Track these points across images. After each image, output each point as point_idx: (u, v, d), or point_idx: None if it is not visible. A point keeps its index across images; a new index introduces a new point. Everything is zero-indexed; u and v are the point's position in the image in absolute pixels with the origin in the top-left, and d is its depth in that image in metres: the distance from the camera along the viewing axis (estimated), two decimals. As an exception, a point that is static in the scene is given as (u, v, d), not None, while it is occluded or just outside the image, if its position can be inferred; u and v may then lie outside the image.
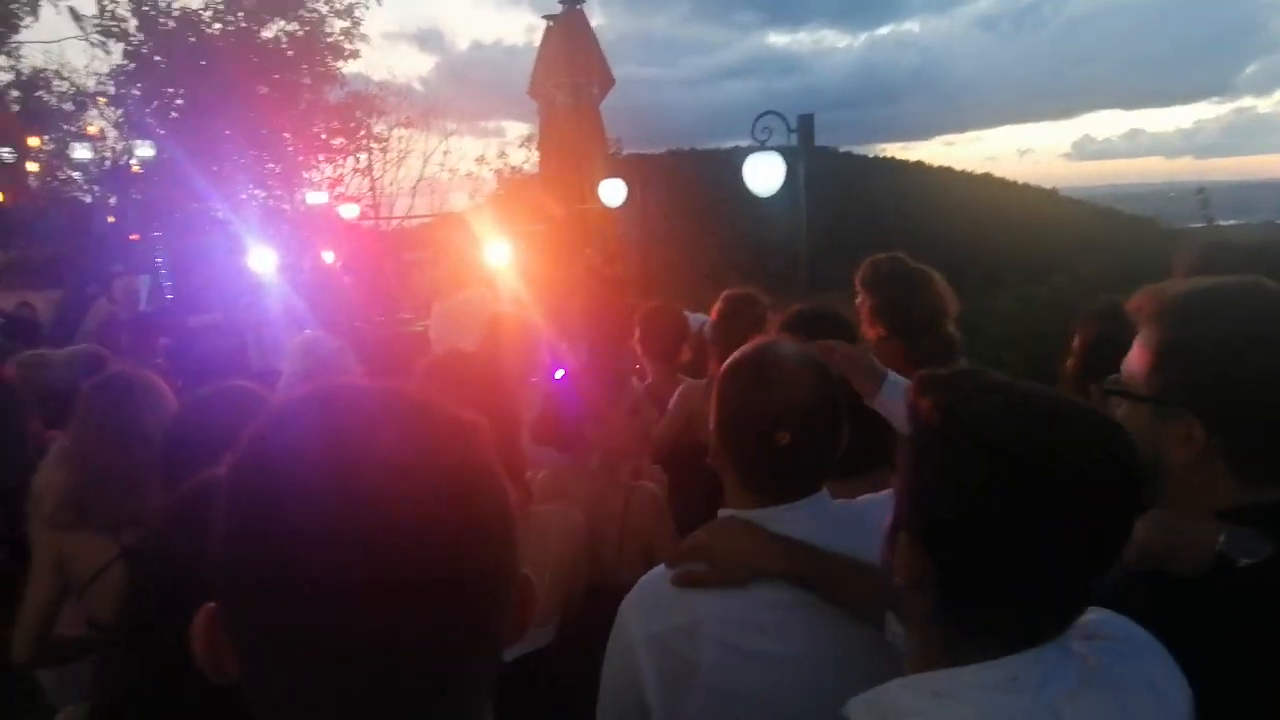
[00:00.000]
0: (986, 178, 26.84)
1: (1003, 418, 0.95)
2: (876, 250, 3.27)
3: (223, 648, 0.63)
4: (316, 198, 15.00)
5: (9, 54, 16.24)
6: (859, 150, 27.65)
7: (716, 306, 3.40)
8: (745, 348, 1.50)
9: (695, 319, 5.16)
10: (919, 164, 27.21)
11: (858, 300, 3.12)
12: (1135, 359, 1.28)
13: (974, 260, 18.02)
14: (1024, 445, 0.92)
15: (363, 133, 18.60)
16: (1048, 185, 26.48)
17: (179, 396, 2.46)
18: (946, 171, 26.72)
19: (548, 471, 2.46)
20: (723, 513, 1.49)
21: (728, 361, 1.51)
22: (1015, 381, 1.01)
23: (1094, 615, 1.05)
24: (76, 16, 4.19)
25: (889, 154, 27.96)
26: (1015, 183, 26.72)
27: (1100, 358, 2.30)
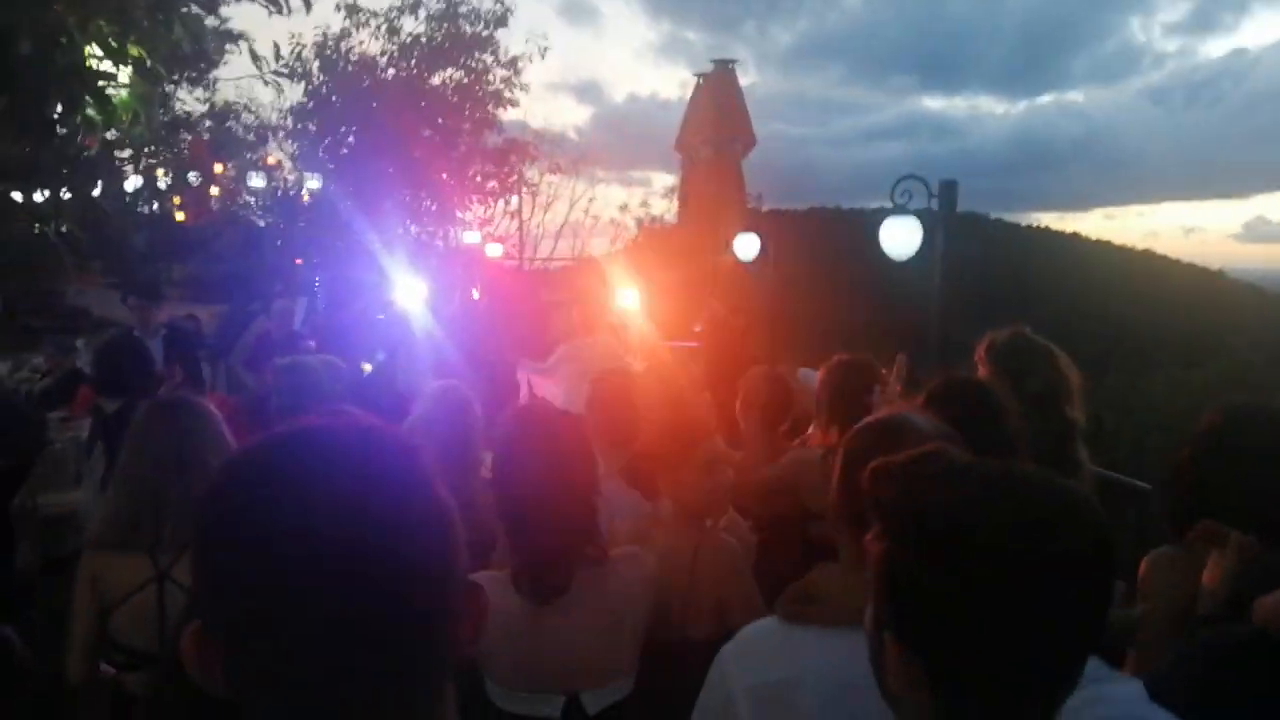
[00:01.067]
0: (1147, 254, 25.62)
1: (965, 512, 0.92)
2: (1023, 322, 3.18)
3: (210, 661, 0.71)
4: (471, 237, 15.60)
5: (206, 87, 17.71)
6: (1011, 218, 26.82)
7: (823, 371, 3.33)
8: (875, 416, 1.49)
9: (813, 376, 5.09)
10: (1075, 235, 26.23)
11: (978, 374, 3.05)
12: None
13: (1129, 339, 17.19)
14: (992, 538, 0.90)
15: (515, 177, 19.37)
16: (1214, 266, 25.00)
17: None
18: (1104, 245, 25.66)
19: (632, 518, 2.49)
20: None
21: (856, 428, 1.48)
22: (975, 464, 0.99)
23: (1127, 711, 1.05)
24: (256, 57, 4.63)
25: (1044, 224, 26.93)
26: (1178, 261, 25.40)
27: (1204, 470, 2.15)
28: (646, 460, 2.64)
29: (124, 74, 3.13)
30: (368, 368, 7.16)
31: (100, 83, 3.01)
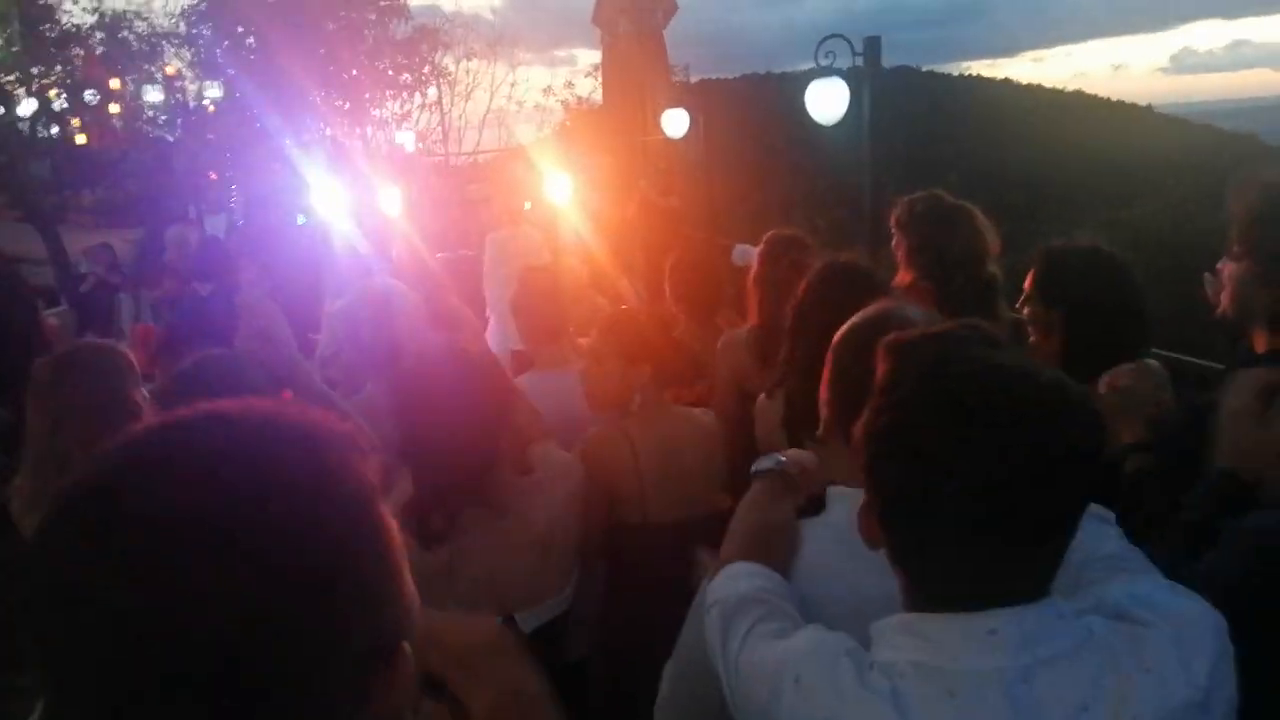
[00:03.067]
0: (1077, 94, 25.65)
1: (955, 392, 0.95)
2: (956, 174, 3.13)
3: None
4: (404, 138, 15.06)
5: (91, -5, 16.60)
6: (942, 69, 26.58)
7: (758, 249, 3.27)
8: (866, 310, 1.40)
9: (751, 252, 5.03)
10: (1006, 81, 26.10)
11: (893, 243, 3.01)
12: None
13: (1061, 182, 17.33)
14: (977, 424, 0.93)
15: (428, 67, 18.60)
16: (1143, 102, 25.17)
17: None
18: (1035, 89, 25.62)
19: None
20: (834, 490, 1.38)
21: (846, 326, 1.40)
22: (979, 352, 1.00)
23: (1149, 591, 1.06)
24: None
25: (975, 72, 26.77)
26: (1107, 99, 25.48)
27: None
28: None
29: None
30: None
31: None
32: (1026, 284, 2.33)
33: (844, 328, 1.40)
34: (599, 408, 2.51)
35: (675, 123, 8.95)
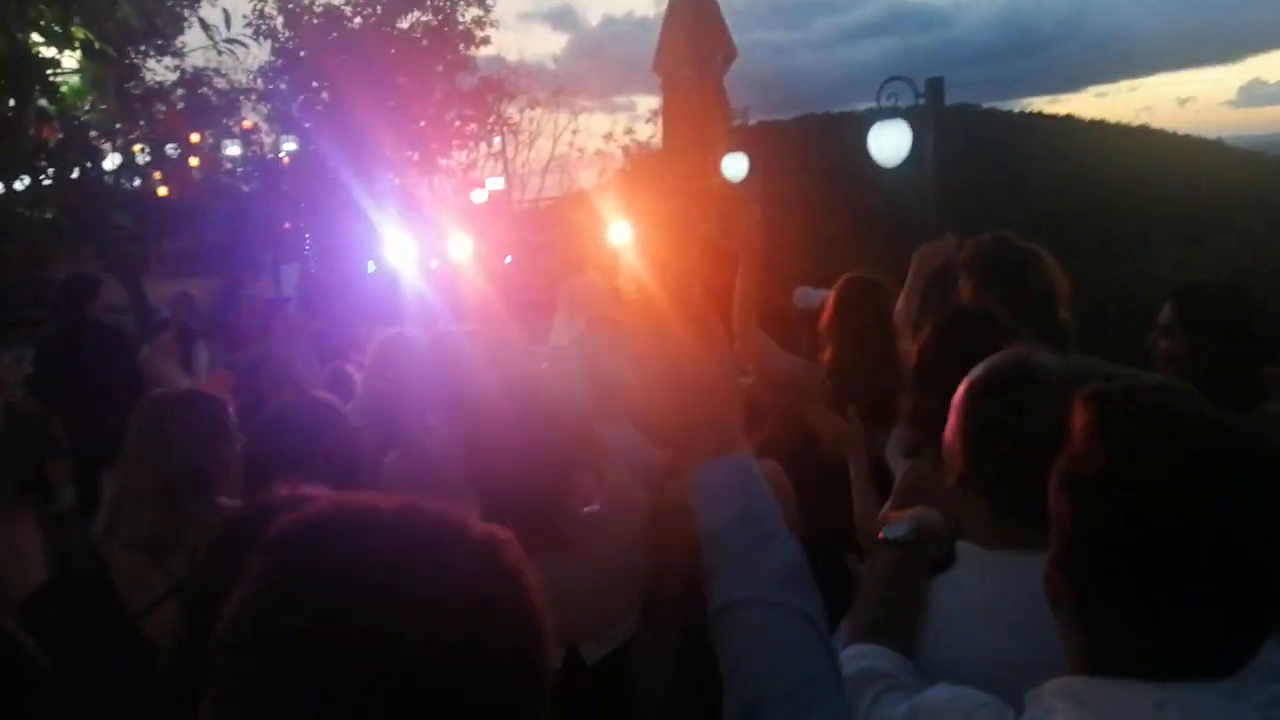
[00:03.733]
0: (1143, 129, 25.20)
1: (1168, 473, 0.90)
2: (1020, 214, 3.12)
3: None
4: (479, 196, 15.37)
5: (174, 54, 17.31)
6: (1003, 106, 26.32)
7: (833, 293, 3.27)
8: (997, 357, 1.38)
9: (813, 295, 5.03)
10: (1068, 117, 25.80)
11: (960, 284, 2.99)
12: None
13: (1129, 221, 16.96)
14: (1185, 505, 0.89)
15: (494, 118, 19.05)
16: (1211, 136, 24.60)
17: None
18: (1099, 124, 25.24)
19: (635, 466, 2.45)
20: (962, 546, 1.37)
21: (975, 376, 1.37)
22: (1184, 414, 0.96)
23: None
24: (206, 26, 4.48)
25: (1036, 108, 26.46)
26: (1174, 134, 24.99)
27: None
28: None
29: (72, 58, 3.03)
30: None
31: (47, 70, 2.91)
32: (1165, 317, 2.32)
33: (975, 376, 1.37)
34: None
35: (735, 166, 9.03)
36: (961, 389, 1.39)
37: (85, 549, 2.31)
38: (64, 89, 3.03)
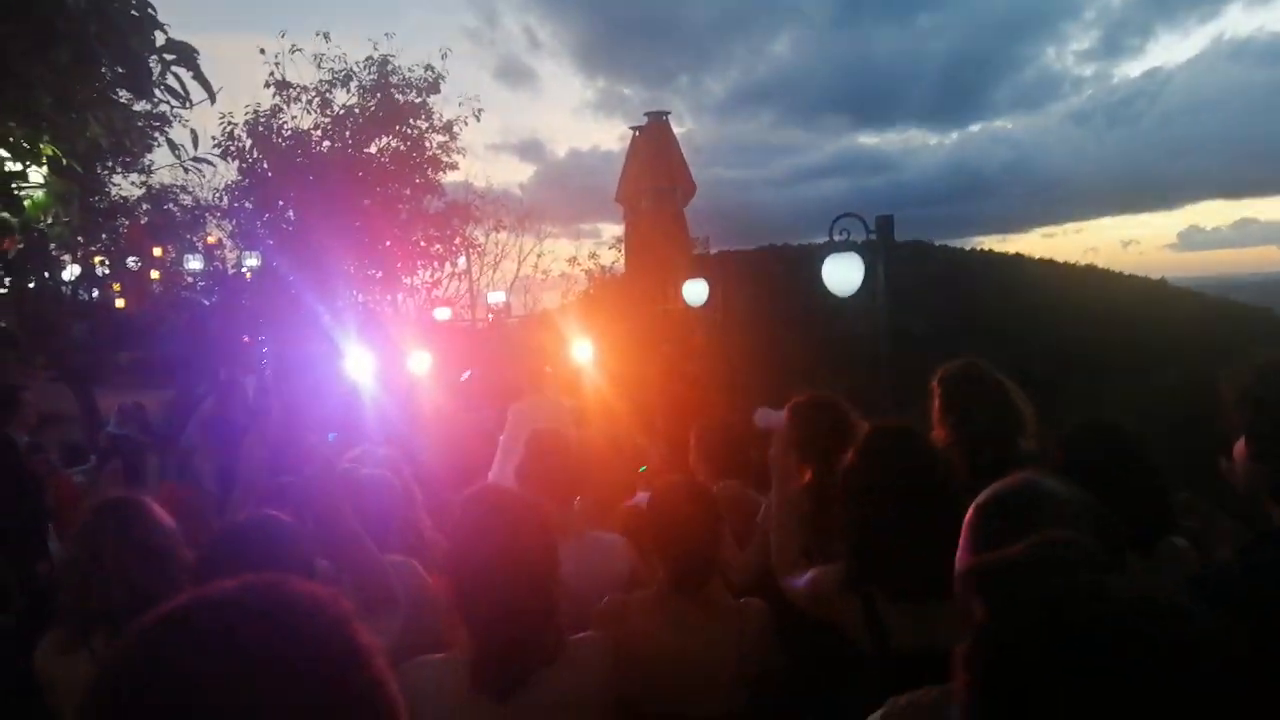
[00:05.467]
0: (1089, 269, 26.16)
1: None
2: (973, 344, 3.21)
3: None
4: (442, 314, 15.49)
5: (140, 171, 17.50)
6: (955, 243, 27.31)
7: (785, 416, 3.29)
8: (1007, 481, 1.40)
9: (772, 415, 5.06)
10: (1018, 256, 26.73)
11: (932, 404, 3.06)
12: None
13: (1079, 355, 17.44)
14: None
15: (459, 239, 19.35)
16: (1155, 276, 25.61)
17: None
18: (1047, 263, 26.15)
19: (644, 596, 2.40)
20: None
21: (984, 498, 1.39)
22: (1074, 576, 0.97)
23: None
24: (174, 146, 4.61)
25: (986, 246, 27.46)
26: (1121, 274, 25.95)
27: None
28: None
29: (38, 173, 3.07)
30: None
31: (11, 185, 2.94)
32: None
33: (984, 498, 1.39)
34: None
35: (695, 292, 9.23)
36: (971, 510, 1.41)
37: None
38: (27, 202, 3.05)
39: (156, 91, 3.24)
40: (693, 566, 2.32)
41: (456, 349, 11.13)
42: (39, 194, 3.12)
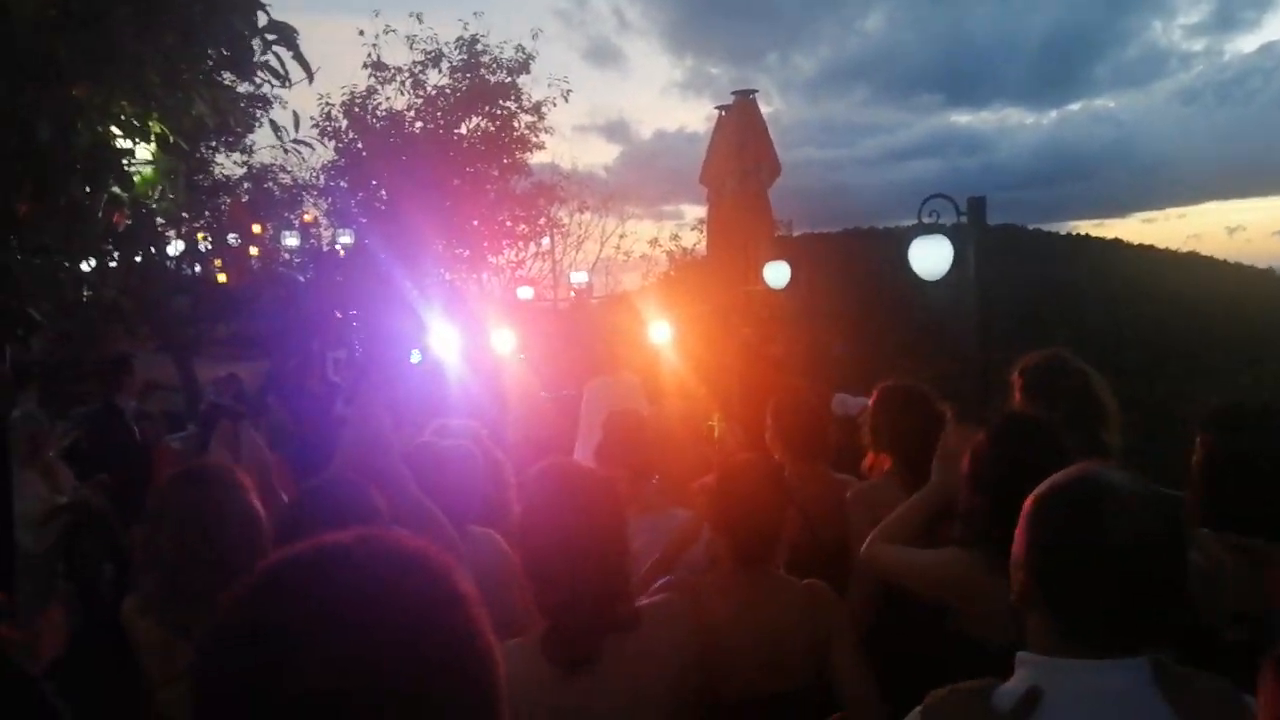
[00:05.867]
0: (1192, 256, 25.14)
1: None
2: (1067, 331, 3.11)
3: None
4: (525, 293, 15.68)
5: (243, 151, 18.14)
6: (1049, 228, 26.46)
7: (874, 398, 3.25)
8: (1068, 472, 1.39)
9: (850, 401, 5.01)
10: (1116, 241, 25.82)
11: (1011, 396, 2.99)
12: None
13: (1178, 345, 16.79)
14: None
15: (544, 220, 19.57)
16: (1261, 265, 24.45)
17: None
18: (1147, 249, 25.22)
19: (711, 574, 2.41)
20: (1021, 655, 1.37)
21: (1045, 487, 1.39)
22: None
23: None
24: (276, 127, 4.75)
25: (1082, 230, 26.56)
26: (1224, 261, 24.87)
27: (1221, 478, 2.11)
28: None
29: (146, 150, 3.21)
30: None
31: (122, 160, 3.09)
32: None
33: (1044, 489, 1.38)
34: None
35: (777, 274, 9.15)
36: (1029, 501, 1.39)
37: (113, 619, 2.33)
38: (137, 178, 3.21)
39: (258, 72, 3.35)
40: (755, 542, 2.30)
41: (539, 328, 11.27)
42: (147, 170, 3.27)
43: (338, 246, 17.30)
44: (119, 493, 5.49)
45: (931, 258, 6.44)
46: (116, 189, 3.14)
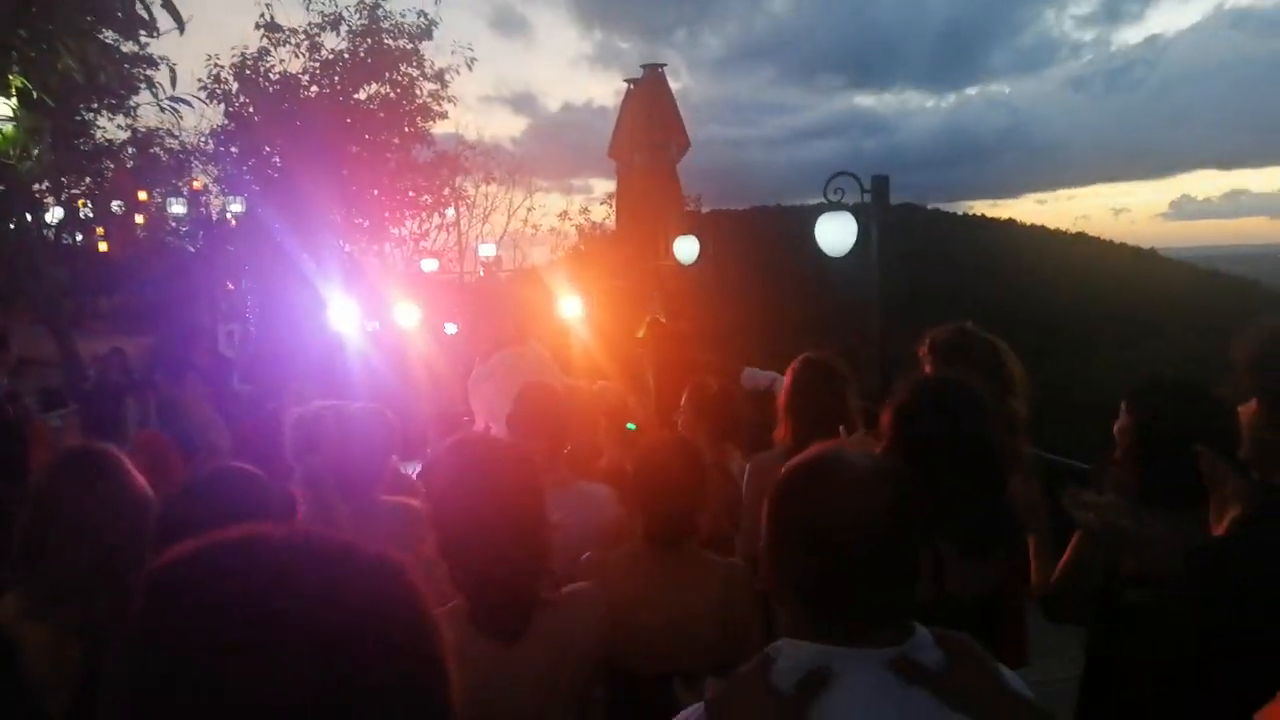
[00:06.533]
0: (1081, 236, 26.21)
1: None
2: (962, 309, 3.17)
3: None
4: (429, 265, 15.35)
5: (127, 114, 17.20)
6: (947, 208, 27.27)
7: (791, 371, 3.25)
8: (806, 454, 1.34)
9: (760, 375, 5.03)
10: (1010, 221, 26.72)
11: (921, 369, 3.01)
12: None
13: (1067, 322, 17.51)
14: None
15: (448, 190, 19.14)
16: (1146, 246, 25.73)
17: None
18: (1038, 230, 26.18)
19: (623, 551, 2.38)
20: (779, 644, 1.30)
21: (784, 470, 1.34)
22: None
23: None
24: (151, 84, 4.49)
25: (978, 211, 27.51)
26: (1111, 242, 26.00)
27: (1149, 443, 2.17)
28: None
29: (6, 107, 2.94)
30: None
31: (-24, 116, 2.83)
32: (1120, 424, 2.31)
33: (787, 469, 1.35)
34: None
35: (686, 249, 9.14)
36: (772, 487, 1.35)
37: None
38: (-1, 134, 2.94)
39: (120, 20, 3.11)
40: (669, 521, 2.29)
41: (443, 302, 11.04)
42: (8, 128, 3.01)
43: (228, 215, 16.61)
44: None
45: (836, 234, 6.51)
46: (-30, 147, 2.87)
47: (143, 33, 3.16)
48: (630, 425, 4.53)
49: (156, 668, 0.62)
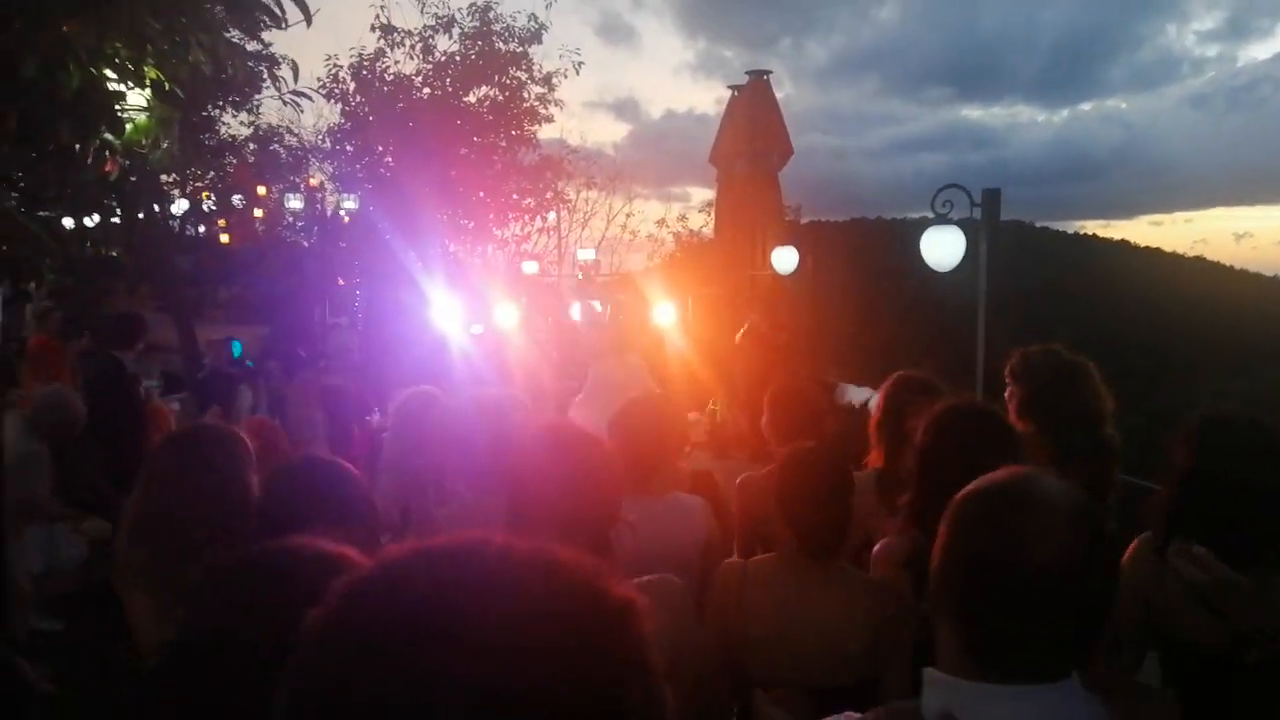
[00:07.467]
0: (1198, 260, 25.14)
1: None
2: (1071, 331, 3.06)
3: None
4: (530, 268, 15.60)
5: (250, 110, 17.94)
6: (1057, 226, 26.45)
7: (884, 390, 3.17)
8: (995, 475, 1.27)
9: (854, 391, 4.94)
10: (1123, 242, 25.82)
11: (1006, 392, 2.92)
12: None
13: (1181, 347, 16.76)
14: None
15: (550, 194, 19.38)
16: (1268, 273, 24.48)
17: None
18: (1153, 252, 25.21)
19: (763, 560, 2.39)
20: (930, 673, 1.24)
21: (968, 490, 1.27)
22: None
23: None
24: (274, 79, 4.68)
25: (1090, 231, 26.60)
26: (1231, 267, 24.87)
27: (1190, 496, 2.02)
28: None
29: (141, 96, 3.10)
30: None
31: (114, 105, 2.98)
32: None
33: (967, 494, 1.26)
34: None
35: (785, 259, 9.04)
36: (952, 503, 1.27)
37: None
38: (130, 126, 3.09)
39: (254, 13, 3.23)
40: (823, 534, 2.27)
41: (543, 304, 11.17)
42: (141, 118, 3.16)
43: (342, 212, 17.15)
44: (109, 450, 5.39)
45: (944, 249, 6.33)
46: (108, 135, 3.03)
47: (269, 26, 3.28)
48: (713, 405, 4.49)
49: (340, 672, 0.61)
